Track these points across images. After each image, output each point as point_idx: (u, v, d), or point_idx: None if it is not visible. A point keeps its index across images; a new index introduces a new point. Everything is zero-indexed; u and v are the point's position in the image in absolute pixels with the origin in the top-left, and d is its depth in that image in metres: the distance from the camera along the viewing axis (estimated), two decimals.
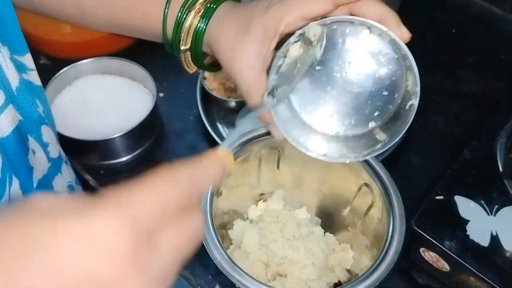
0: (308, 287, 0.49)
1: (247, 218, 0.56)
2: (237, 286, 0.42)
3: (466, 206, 0.55)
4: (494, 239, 0.52)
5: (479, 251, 0.51)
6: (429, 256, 0.55)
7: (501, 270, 0.50)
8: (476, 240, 0.52)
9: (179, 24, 0.45)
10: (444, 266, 0.54)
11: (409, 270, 0.59)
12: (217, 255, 0.43)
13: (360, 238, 0.53)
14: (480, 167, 0.58)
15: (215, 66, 0.50)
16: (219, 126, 0.72)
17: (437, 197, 0.56)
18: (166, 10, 0.45)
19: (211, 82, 0.72)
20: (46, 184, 0.45)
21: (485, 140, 0.61)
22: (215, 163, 0.27)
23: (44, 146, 0.45)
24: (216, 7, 0.44)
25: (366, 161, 0.49)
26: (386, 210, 0.46)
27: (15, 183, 0.38)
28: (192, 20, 0.45)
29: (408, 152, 0.70)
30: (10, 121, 0.38)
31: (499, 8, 0.91)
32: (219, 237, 0.44)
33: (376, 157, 0.51)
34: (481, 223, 0.53)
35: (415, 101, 0.39)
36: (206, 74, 0.73)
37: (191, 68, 0.50)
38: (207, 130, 0.69)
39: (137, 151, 0.68)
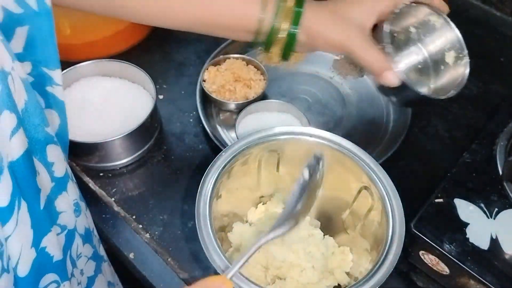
0: None
1: (247, 221, 0.56)
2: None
3: (466, 209, 0.55)
4: (494, 242, 0.52)
5: (478, 254, 0.51)
6: (429, 259, 0.55)
7: (501, 273, 0.50)
8: (475, 243, 0.52)
9: (278, 7, 0.52)
10: (444, 269, 0.54)
11: (409, 273, 0.59)
12: (216, 258, 0.43)
13: (359, 241, 0.53)
14: (480, 170, 0.58)
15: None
16: (219, 128, 0.72)
17: (437, 200, 0.56)
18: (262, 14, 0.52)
19: (211, 85, 0.72)
20: (49, 204, 0.44)
21: (485, 143, 0.61)
22: None
23: (48, 166, 0.45)
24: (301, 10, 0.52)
25: (366, 164, 0.49)
26: (385, 213, 0.46)
27: (23, 206, 0.38)
28: (284, 26, 0.52)
29: (408, 155, 0.70)
30: (21, 144, 0.38)
31: (498, 11, 0.91)
32: (218, 240, 0.44)
33: (376, 160, 0.51)
34: (480, 226, 0.53)
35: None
36: (206, 76, 0.73)
37: (274, 60, 0.59)
38: (207, 132, 0.69)
39: (137, 153, 0.68)
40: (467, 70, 0.57)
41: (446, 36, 0.60)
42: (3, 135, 0.36)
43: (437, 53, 0.59)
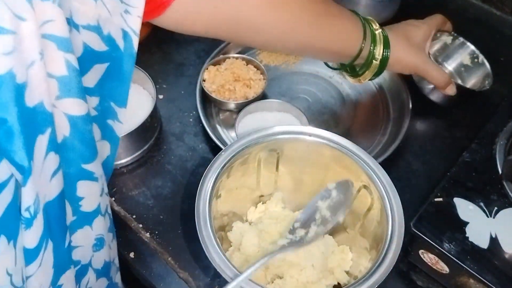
0: None
1: (246, 220, 0.56)
2: None
3: (465, 208, 0.55)
4: (494, 241, 0.52)
5: (478, 253, 0.51)
6: (428, 258, 0.55)
7: (500, 272, 0.50)
8: (475, 242, 0.52)
9: (373, 34, 0.61)
10: (444, 268, 0.54)
11: (409, 272, 0.59)
12: (215, 257, 0.43)
13: (359, 240, 0.53)
14: (479, 169, 0.58)
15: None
16: (218, 128, 0.72)
17: (437, 199, 0.56)
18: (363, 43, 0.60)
19: (210, 84, 0.72)
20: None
21: (485, 143, 0.61)
22: None
23: (75, 201, 0.44)
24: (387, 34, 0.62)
25: (365, 163, 0.49)
26: (385, 212, 0.46)
27: (49, 246, 0.38)
28: (379, 51, 0.61)
29: (407, 155, 0.70)
30: (59, 184, 0.38)
31: (498, 10, 0.91)
32: (218, 240, 0.44)
33: (376, 159, 0.51)
34: (480, 225, 0.53)
35: None
36: (205, 76, 0.73)
37: (358, 81, 0.68)
38: (207, 132, 0.69)
39: (137, 153, 0.68)
40: (487, 64, 0.73)
41: (459, 46, 0.77)
42: (46, 176, 0.36)
43: (460, 59, 0.77)
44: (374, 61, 0.61)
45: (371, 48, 0.60)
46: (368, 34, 0.60)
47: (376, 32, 0.61)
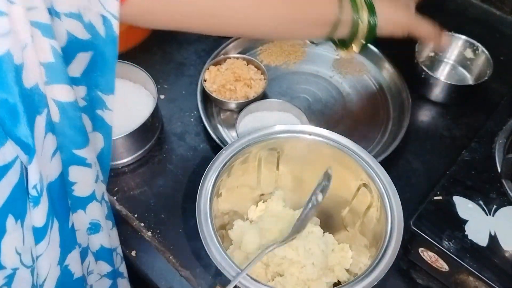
0: (308, 287, 0.49)
1: (247, 219, 0.57)
2: (237, 286, 0.42)
3: (464, 207, 0.55)
4: (493, 239, 0.52)
5: (477, 251, 0.52)
6: (428, 256, 0.55)
7: (499, 269, 0.50)
8: (474, 240, 0.52)
9: (355, 23, 0.59)
10: (443, 266, 0.54)
11: (409, 270, 0.59)
12: (217, 255, 0.43)
13: (359, 238, 0.53)
14: (478, 168, 0.59)
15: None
16: (219, 127, 0.72)
17: (436, 198, 0.56)
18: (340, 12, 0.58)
19: (211, 84, 0.73)
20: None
21: (484, 141, 0.62)
22: None
23: (68, 185, 0.44)
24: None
25: (365, 162, 0.49)
26: (384, 210, 0.47)
27: (55, 225, 0.39)
28: (365, 17, 0.59)
29: (407, 153, 0.71)
30: (59, 165, 0.39)
31: (498, 10, 0.91)
32: (219, 238, 0.45)
33: (376, 158, 0.51)
34: (479, 223, 0.54)
35: None
36: (206, 76, 0.74)
37: (350, 52, 0.65)
38: (208, 132, 0.69)
39: (138, 153, 0.68)
40: (487, 52, 0.76)
41: (457, 43, 0.79)
42: (46, 156, 0.37)
43: (458, 56, 0.80)
44: (360, 23, 0.59)
45: (353, 10, 0.58)
46: (346, 2, 0.58)
47: None
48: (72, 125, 0.41)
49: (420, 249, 0.56)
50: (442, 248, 0.52)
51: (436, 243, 0.53)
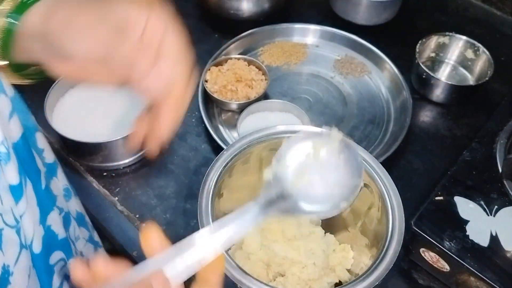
0: (309, 287, 0.49)
1: None
2: (238, 286, 0.42)
3: (465, 207, 0.55)
4: (494, 239, 0.52)
5: (478, 251, 0.52)
6: (429, 256, 0.55)
7: (500, 270, 0.51)
8: (475, 240, 0.52)
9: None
10: (444, 266, 0.54)
11: (410, 270, 0.59)
12: None
13: (360, 239, 0.53)
14: (479, 168, 0.59)
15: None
16: (221, 128, 0.72)
17: (437, 198, 0.56)
18: None
19: (212, 85, 0.73)
20: (47, 186, 0.46)
21: (485, 142, 0.62)
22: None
23: (40, 152, 0.46)
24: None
25: (366, 162, 0.49)
26: (385, 210, 0.47)
27: (29, 184, 0.40)
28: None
29: (408, 154, 0.71)
30: (18, 127, 0.39)
31: (499, 10, 0.91)
32: None
33: (377, 158, 0.51)
34: (480, 223, 0.54)
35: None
36: (207, 76, 0.74)
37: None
38: (209, 132, 0.69)
39: (139, 154, 0.68)
40: (487, 52, 0.76)
41: (458, 44, 0.79)
42: (3, 117, 0.37)
43: (459, 57, 0.80)
44: None
45: None
46: None
47: None
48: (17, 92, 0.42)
49: (421, 250, 0.56)
50: (443, 248, 0.52)
51: (437, 243, 0.53)
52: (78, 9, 0.33)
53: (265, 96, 0.73)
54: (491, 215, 0.54)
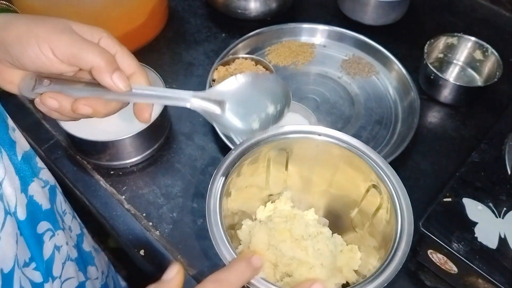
0: None
1: (255, 219, 0.57)
2: (245, 285, 0.42)
3: (474, 209, 0.55)
4: (503, 241, 0.52)
5: (487, 253, 0.51)
6: (437, 258, 0.55)
7: (509, 272, 0.50)
8: (484, 242, 0.52)
9: None
10: (452, 268, 0.54)
11: (417, 272, 0.59)
12: (226, 254, 0.43)
13: (368, 240, 0.53)
14: (488, 170, 0.59)
15: None
16: None
17: (445, 199, 0.56)
18: None
19: (220, 77, 0.73)
20: (28, 159, 0.47)
21: (494, 143, 0.61)
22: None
23: (12, 130, 0.47)
24: None
25: (375, 162, 0.49)
26: (394, 211, 0.47)
27: (4, 153, 0.41)
28: None
29: (416, 155, 0.70)
30: None
31: (507, 11, 0.91)
32: (228, 237, 0.45)
33: (385, 159, 0.51)
34: (489, 225, 0.54)
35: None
36: (215, 76, 0.74)
37: None
38: (216, 131, 0.69)
39: (147, 152, 0.69)
40: (496, 53, 0.75)
41: (467, 45, 0.79)
42: None
43: (468, 57, 0.80)
44: None
45: None
46: None
47: None
48: None
49: (429, 251, 0.55)
50: (451, 250, 0.52)
51: (445, 245, 0.53)
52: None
53: None
54: (499, 217, 0.54)
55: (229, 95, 0.45)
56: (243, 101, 0.45)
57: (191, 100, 0.43)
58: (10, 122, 0.45)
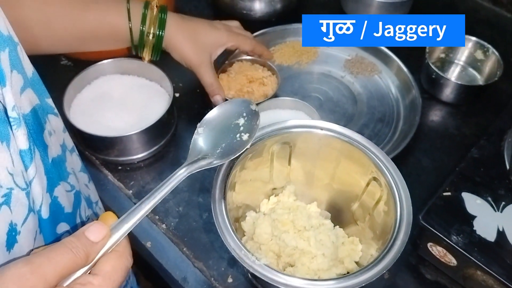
0: (318, 277, 0.50)
1: (259, 211, 0.58)
2: (250, 272, 0.44)
3: (473, 203, 0.56)
4: (501, 234, 0.53)
5: (485, 246, 0.53)
6: (437, 251, 0.56)
7: (507, 264, 0.51)
8: (482, 235, 0.53)
9: (144, 16, 0.65)
10: (451, 260, 0.55)
11: (417, 265, 0.60)
12: (231, 243, 0.45)
13: (368, 232, 0.54)
14: (487, 165, 0.60)
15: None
16: None
17: (445, 194, 0.57)
18: (130, 23, 0.65)
19: (228, 91, 0.74)
20: (59, 163, 0.48)
21: (493, 139, 0.62)
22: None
23: (50, 133, 0.48)
24: (165, 17, 0.66)
25: (375, 155, 0.50)
26: (393, 201, 0.48)
27: (37, 153, 0.42)
28: (152, 30, 0.66)
29: (417, 152, 0.72)
30: (29, 102, 0.42)
31: (509, 13, 0.92)
32: (234, 229, 0.46)
33: (387, 155, 0.53)
34: (487, 219, 0.55)
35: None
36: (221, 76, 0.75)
37: (147, 59, 0.71)
38: None
39: (153, 148, 0.70)
40: (497, 53, 0.77)
41: (468, 45, 0.80)
42: (16, 90, 0.39)
43: (469, 57, 0.81)
44: (149, 37, 0.66)
45: (141, 27, 0.65)
46: (136, 15, 0.65)
47: (148, 12, 0.65)
48: (37, 75, 0.45)
49: (429, 244, 0.57)
50: (451, 243, 0.53)
51: (444, 238, 0.54)
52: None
53: (276, 94, 0.75)
54: (498, 211, 0.55)
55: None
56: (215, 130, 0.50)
57: (186, 173, 0.48)
58: (48, 126, 0.46)
